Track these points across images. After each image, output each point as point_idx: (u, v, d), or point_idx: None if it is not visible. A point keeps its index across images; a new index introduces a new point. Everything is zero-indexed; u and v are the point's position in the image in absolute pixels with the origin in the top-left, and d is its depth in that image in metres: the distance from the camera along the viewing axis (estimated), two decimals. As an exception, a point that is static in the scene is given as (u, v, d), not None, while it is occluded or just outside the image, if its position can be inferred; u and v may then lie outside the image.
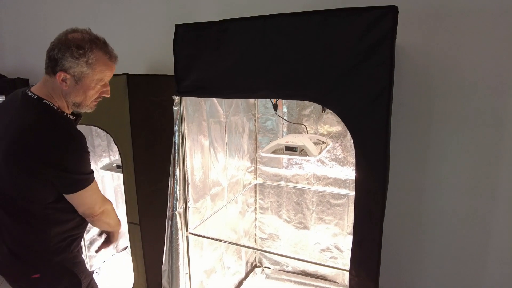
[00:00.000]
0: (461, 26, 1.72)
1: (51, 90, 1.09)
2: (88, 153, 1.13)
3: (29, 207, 1.10)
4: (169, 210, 1.53)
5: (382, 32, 1.06)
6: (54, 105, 1.09)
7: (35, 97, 1.08)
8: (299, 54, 1.16)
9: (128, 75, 1.80)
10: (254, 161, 2.37)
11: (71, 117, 1.16)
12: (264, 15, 1.18)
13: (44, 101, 1.08)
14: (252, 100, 2.24)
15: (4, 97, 2.76)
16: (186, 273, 1.64)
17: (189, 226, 1.61)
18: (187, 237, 1.59)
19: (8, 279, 1.17)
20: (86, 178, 1.12)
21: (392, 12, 1.04)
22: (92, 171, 1.17)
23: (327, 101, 1.19)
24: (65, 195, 1.11)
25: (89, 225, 2.49)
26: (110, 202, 1.31)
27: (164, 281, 1.59)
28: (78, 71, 1.05)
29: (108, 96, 1.22)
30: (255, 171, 2.39)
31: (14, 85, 2.83)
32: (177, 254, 1.56)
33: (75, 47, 1.03)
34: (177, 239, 1.55)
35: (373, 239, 1.20)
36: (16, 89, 2.91)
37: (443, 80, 1.81)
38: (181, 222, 1.55)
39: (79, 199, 1.13)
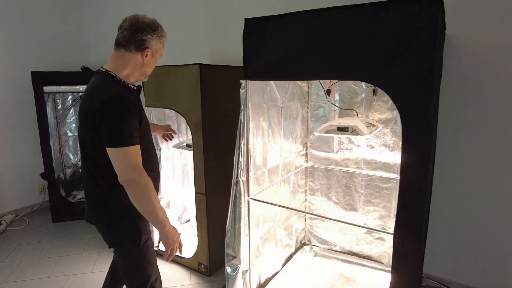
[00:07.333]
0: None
1: (123, 64, 1.35)
2: (131, 117, 1.24)
3: (102, 165, 1.29)
4: (234, 177, 1.79)
5: (425, 22, 1.19)
6: (117, 75, 1.34)
7: (104, 70, 1.35)
8: (350, 40, 1.34)
9: (200, 64, 2.11)
10: (305, 145, 2.56)
11: (132, 87, 1.40)
12: (321, 8, 1.39)
13: (109, 72, 1.34)
14: (306, 88, 2.44)
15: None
16: (246, 235, 1.89)
17: (250, 193, 1.86)
18: (248, 202, 1.85)
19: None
20: (121, 138, 1.22)
21: (435, 4, 1.17)
22: (133, 137, 1.24)
23: (378, 81, 1.34)
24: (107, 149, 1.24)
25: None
26: (148, 180, 1.27)
27: (228, 239, 1.86)
28: (156, 48, 1.39)
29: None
30: (306, 154, 2.58)
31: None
32: (239, 216, 1.82)
33: (160, 29, 1.38)
34: (240, 203, 1.81)
35: (417, 202, 1.33)
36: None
37: (494, 70, 1.85)
38: (243, 189, 1.80)
39: (111, 156, 1.25)
